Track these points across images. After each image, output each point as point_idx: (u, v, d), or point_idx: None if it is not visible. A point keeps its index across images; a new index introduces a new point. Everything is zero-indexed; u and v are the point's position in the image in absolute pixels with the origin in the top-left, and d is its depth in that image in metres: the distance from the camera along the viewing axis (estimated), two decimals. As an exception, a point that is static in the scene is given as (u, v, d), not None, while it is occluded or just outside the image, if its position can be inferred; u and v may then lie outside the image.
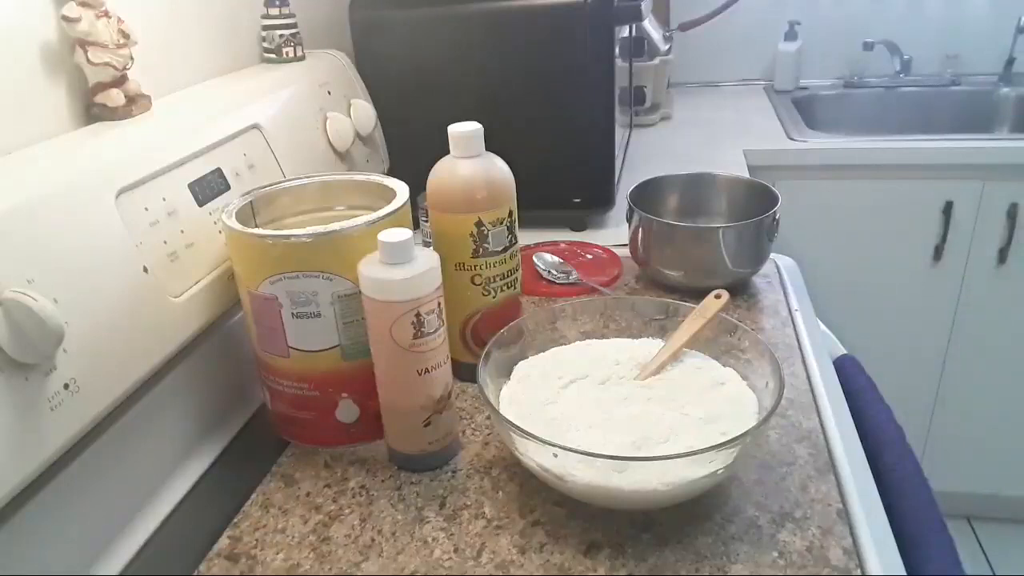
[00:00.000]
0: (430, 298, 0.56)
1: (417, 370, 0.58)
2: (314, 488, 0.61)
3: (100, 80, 0.64)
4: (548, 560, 0.52)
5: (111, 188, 0.56)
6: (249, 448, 0.68)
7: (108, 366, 0.53)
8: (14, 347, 0.45)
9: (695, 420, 0.57)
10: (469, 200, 0.65)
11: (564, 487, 0.54)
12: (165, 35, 0.76)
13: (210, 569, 0.54)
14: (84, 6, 0.62)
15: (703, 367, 0.64)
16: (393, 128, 1.04)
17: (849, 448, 0.62)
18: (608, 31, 0.97)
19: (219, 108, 0.74)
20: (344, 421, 0.64)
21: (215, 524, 0.58)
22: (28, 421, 0.47)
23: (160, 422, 0.62)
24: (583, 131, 1.01)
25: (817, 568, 0.50)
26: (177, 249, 0.62)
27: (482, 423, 0.67)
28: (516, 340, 0.65)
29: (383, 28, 1.01)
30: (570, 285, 0.89)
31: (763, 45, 2.00)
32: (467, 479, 0.61)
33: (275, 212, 0.69)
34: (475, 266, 0.67)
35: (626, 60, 1.23)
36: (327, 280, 0.59)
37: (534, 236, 1.00)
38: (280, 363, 0.62)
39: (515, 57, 0.98)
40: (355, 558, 0.54)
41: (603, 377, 0.62)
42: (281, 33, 0.91)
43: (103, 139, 0.62)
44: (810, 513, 0.55)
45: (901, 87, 1.92)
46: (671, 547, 0.53)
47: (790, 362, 0.72)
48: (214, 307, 0.65)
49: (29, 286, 0.47)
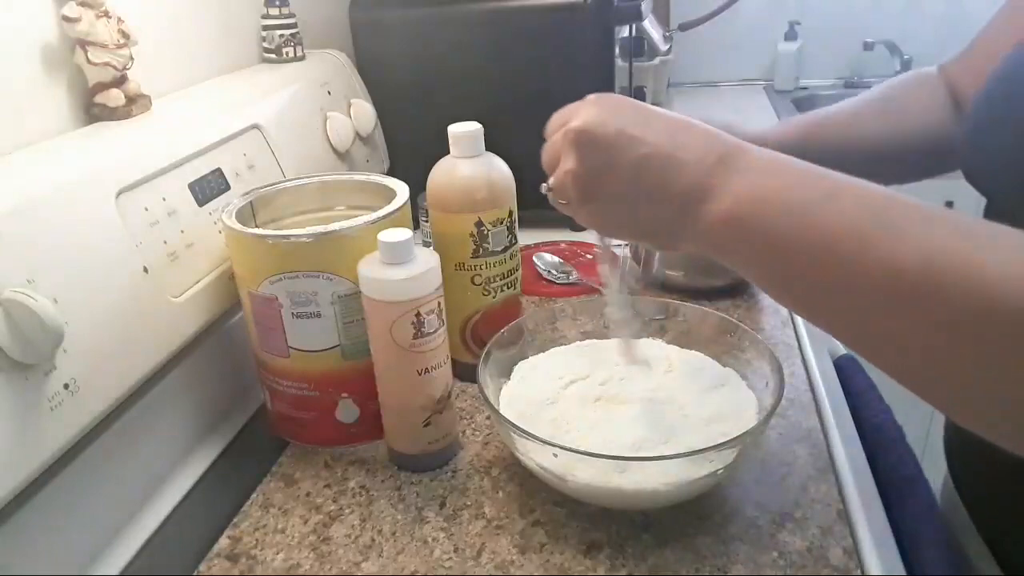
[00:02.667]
0: (430, 298, 0.56)
1: (417, 370, 0.58)
2: (314, 488, 0.61)
3: (100, 80, 0.64)
4: (548, 560, 0.52)
5: (111, 188, 0.56)
6: (249, 448, 0.68)
7: (108, 366, 0.53)
8: (14, 347, 0.45)
9: (695, 420, 0.57)
10: (469, 200, 0.65)
11: (564, 487, 0.54)
12: (165, 35, 0.76)
13: (210, 569, 0.54)
14: (84, 6, 0.62)
15: (703, 367, 0.64)
16: (393, 128, 1.04)
17: (849, 448, 0.62)
18: (608, 31, 0.97)
19: (219, 108, 0.74)
20: (344, 421, 0.64)
21: (215, 524, 0.58)
22: (28, 421, 0.47)
23: (160, 422, 0.62)
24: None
25: (817, 568, 0.50)
26: (177, 249, 0.62)
27: (482, 423, 0.67)
28: (516, 340, 0.65)
29: (383, 28, 1.01)
30: (570, 285, 0.89)
31: (763, 45, 2.00)
32: (467, 479, 0.61)
33: (275, 212, 0.69)
34: (475, 266, 0.67)
35: (626, 60, 1.22)
36: (327, 280, 0.59)
37: (534, 236, 1.00)
38: (280, 363, 0.62)
39: (515, 57, 0.98)
40: (355, 558, 0.54)
41: (603, 377, 0.62)
42: (281, 33, 0.91)
43: (103, 139, 0.62)
44: (810, 513, 0.55)
45: (901, 87, 1.92)
46: (671, 547, 0.53)
47: (790, 362, 0.72)
48: (214, 307, 0.65)
49: (29, 286, 0.47)
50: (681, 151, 0.46)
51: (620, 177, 0.47)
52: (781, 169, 0.44)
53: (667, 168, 0.46)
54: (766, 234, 0.42)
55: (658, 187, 0.46)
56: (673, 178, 0.45)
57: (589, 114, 0.48)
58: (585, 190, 0.49)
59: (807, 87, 1.98)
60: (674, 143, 0.46)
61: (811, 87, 1.98)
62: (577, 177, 0.48)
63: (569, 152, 0.48)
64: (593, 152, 0.47)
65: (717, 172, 0.44)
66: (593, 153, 0.47)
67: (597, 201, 0.49)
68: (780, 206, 0.42)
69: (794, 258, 0.41)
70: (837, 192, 0.41)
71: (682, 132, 0.47)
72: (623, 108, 0.49)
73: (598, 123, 0.47)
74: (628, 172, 0.47)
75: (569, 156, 0.48)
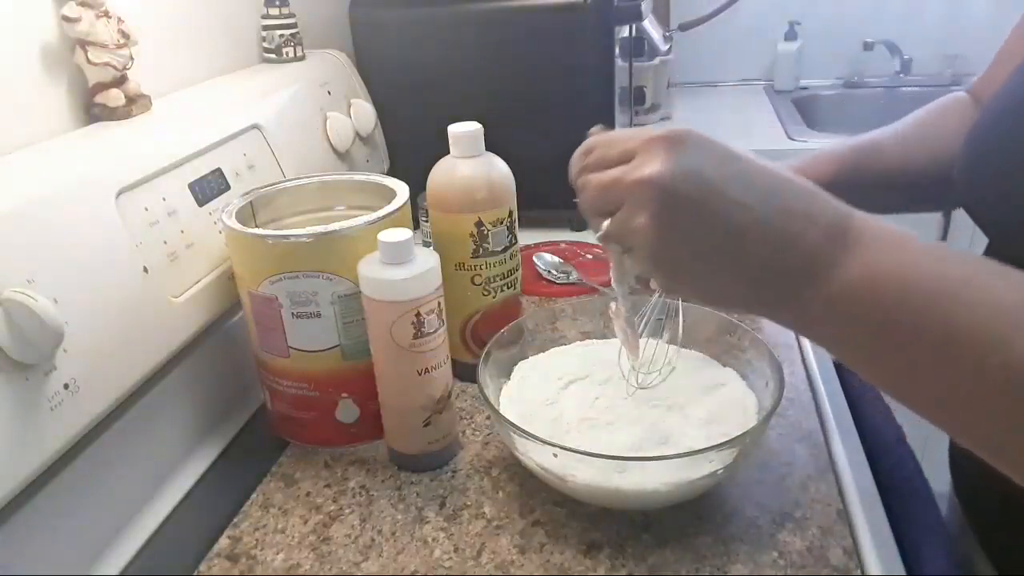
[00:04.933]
0: (430, 298, 0.56)
1: (417, 370, 0.58)
2: (314, 488, 0.61)
3: (100, 80, 0.64)
4: (548, 560, 0.52)
5: (111, 188, 0.56)
6: (249, 448, 0.68)
7: (108, 366, 0.53)
8: (14, 347, 0.45)
9: (695, 420, 0.57)
10: (469, 200, 0.65)
11: (564, 487, 0.54)
12: (165, 35, 0.76)
13: (210, 569, 0.54)
14: (84, 6, 0.62)
15: (703, 367, 0.64)
16: (393, 128, 1.04)
17: (849, 448, 0.62)
18: (608, 31, 0.97)
19: (219, 108, 0.74)
20: (344, 421, 0.64)
21: (215, 524, 0.58)
22: (28, 421, 0.47)
23: (160, 422, 0.62)
24: (583, 131, 1.00)
25: (817, 568, 0.50)
26: (177, 249, 0.62)
27: (482, 423, 0.67)
28: (516, 340, 0.65)
29: (383, 28, 1.01)
30: (570, 285, 0.89)
31: (763, 45, 2.00)
32: (467, 479, 0.61)
33: (275, 212, 0.69)
34: (475, 266, 0.67)
35: (626, 60, 1.22)
36: (327, 280, 0.59)
37: (534, 236, 1.00)
38: (280, 363, 0.62)
39: (515, 57, 0.98)
40: (355, 558, 0.54)
41: (603, 377, 0.62)
42: (281, 33, 0.91)
43: (103, 139, 0.62)
44: (810, 513, 0.55)
45: (901, 87, 1.93)
46: (671, 547, 0.53)
47: (790, 362, 0.72)
48: (214, 307, 0.65)
49: (29, 286, 0.47)
50: (791, 222, 0.39)
51: (712, 246, 0.40)
52: (897, 245, 0.39)
53: (772, 244, 0.39)
54: (882, 324, 0.38)
55: (760, 265, 0.40)
56: (779, 256, 0.39)
57: (669, 164, 0.39)
58: (662, 254, 0.41)
59: (807, 87, 1.98)
60: (782, 212, 0.40)
61: (811, 87, 1.98)
62: (652, 238, 0.40)
63: (640, 206, 0.40)
64: (675, 214, 0.40)
65: (827, 249, 0.39)
66: (676, 216, 0.40)
67: (673, 267, 0.42)
68: (897, 294, 0.37)
69: (907, 349, 0.38)
70: (965, 281, 0.37)
71: (787, 195, 0.40)
72: (711, 154, 0.41)
73: (683, 177, 0.39)
74: (721, 243, 0.40)
75: (640, 210, 0.40)
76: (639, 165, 0.40)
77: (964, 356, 0.36)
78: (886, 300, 0.38)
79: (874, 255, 0.39)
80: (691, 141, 0.41)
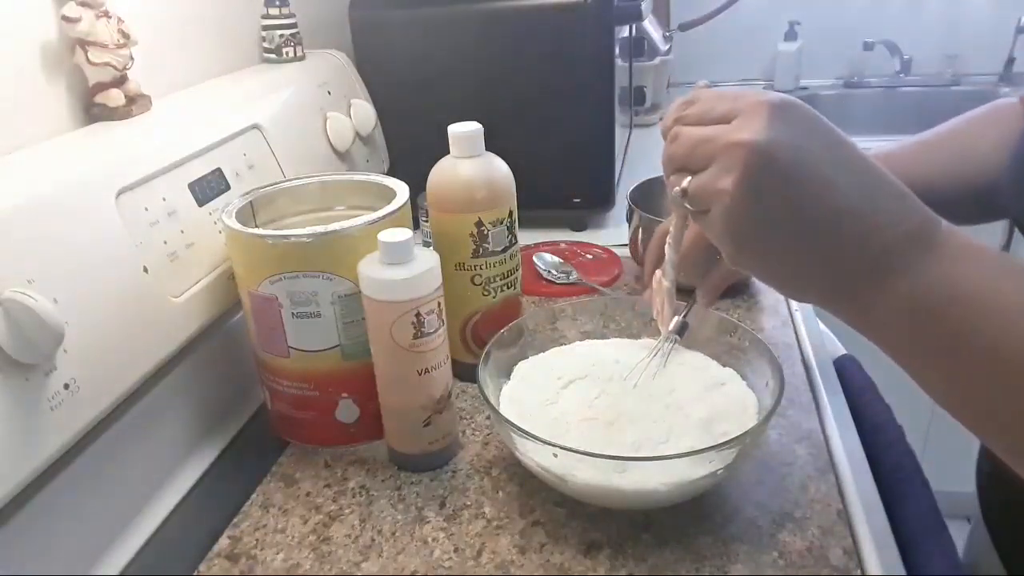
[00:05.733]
0: (430, 298, 0.56)
1: (417, 370, 0.58)
2: (314, 488, 0.61)
3: (100, 80, 0.64)
4: (548, 560, 0.52)
5: (111, 188, 0.56)
6: (249, 448, 0.68)
7: (108, 366, 0.53)
8: (14, 347, 0.45)
9: (695, 420, 0.57)
10: (469, 200, 0.65)
11: (564, 487, 0.54)
12: (165, 35, 0.76)
13: (210, 569, 0.54)
14: (84, 6, 0.62)
15: (703, 367, 0.63)
16: (393, 128, 1.04)
17: (849, 448, 0.62)
18: (608, 31, 0.97)
19: (219, 108, 0.74)
20: (344, 421, 0.64)
21: (215, 524, 0.58)
22: (28, 421, 0.47)
23: (160, 422, 0.62)
24: (583, 131, 1.01)
25: (817, 568, 0.50)
26: (177, 249, 0.62)
27: (482, 423, 0.67)
28: (516, 340, 0.65)
29: (383, 28, 1.01)
30: (570, 285, 0.89)
31: (763, 45, 2.00)
32: (467, 479, 0.61)
33: (275, 212, 0.69)
34: (475, 266, 0.67)
35: (626, 60, 1.23)
36: (327, 280, 0.59)
37: (534, 236, 1.00)
38: (280, 363, 0.62)
39: (515, 57, 0.98)
40: (355, 558, 0.54)
41: (603, 377, 0.62)
42: (281, 33, 0.91)
43: (103, 139, 0.62)
44: (810, 513, 0.55)
45: (901, 87, 1.93)
46: (671, 547, 0.53)
47: (790, 362, 0.72)
48: (214, 307, 0.65)
49: (29, 286, 0.47)
50: (879, 213, 0.38)
51: (795, 224, 0.39)
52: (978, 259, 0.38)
53: (858, 231, 0.38)
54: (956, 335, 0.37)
55: (839, 249, 0.39)
56: (861, 245, 0.38)
57: (771, 132, 0.38)
58: (739, 223, 0.40)
59: (807, 87, 1.98)
60: (872, 201, 0.39)
61: (811, 87, 1.98)
62: (735, 205, 0.39)
63: (730, 169, 0.39)
64: (765, 184, 0.38)
65: (909, 249, 0.38)
66: (765, 185, 0.38)
67: (747, 239, 0.40)
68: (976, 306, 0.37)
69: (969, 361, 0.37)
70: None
71: (877, 185, 0.39)
72: (816, 132, 0.39)
73: (782, 148, 0.38)
74: (807, 223, 0.39)
75: (728, 173, 0.39)
76: (739, 127, 0.39)
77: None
78: (955, 312, 0.37)
79: (953, 265, 0.38)
80: (799, 114, 0.39)
